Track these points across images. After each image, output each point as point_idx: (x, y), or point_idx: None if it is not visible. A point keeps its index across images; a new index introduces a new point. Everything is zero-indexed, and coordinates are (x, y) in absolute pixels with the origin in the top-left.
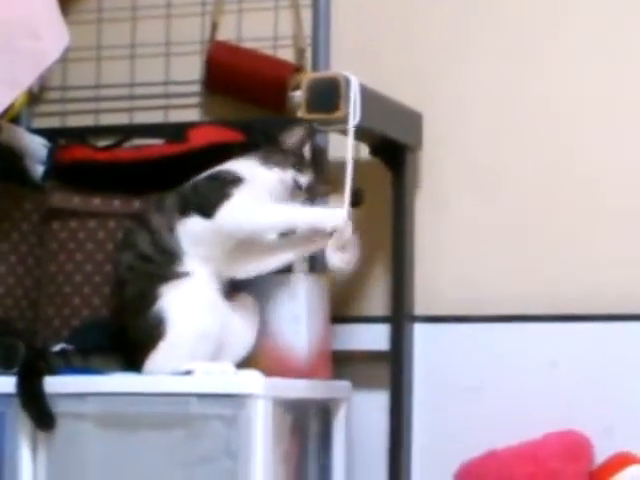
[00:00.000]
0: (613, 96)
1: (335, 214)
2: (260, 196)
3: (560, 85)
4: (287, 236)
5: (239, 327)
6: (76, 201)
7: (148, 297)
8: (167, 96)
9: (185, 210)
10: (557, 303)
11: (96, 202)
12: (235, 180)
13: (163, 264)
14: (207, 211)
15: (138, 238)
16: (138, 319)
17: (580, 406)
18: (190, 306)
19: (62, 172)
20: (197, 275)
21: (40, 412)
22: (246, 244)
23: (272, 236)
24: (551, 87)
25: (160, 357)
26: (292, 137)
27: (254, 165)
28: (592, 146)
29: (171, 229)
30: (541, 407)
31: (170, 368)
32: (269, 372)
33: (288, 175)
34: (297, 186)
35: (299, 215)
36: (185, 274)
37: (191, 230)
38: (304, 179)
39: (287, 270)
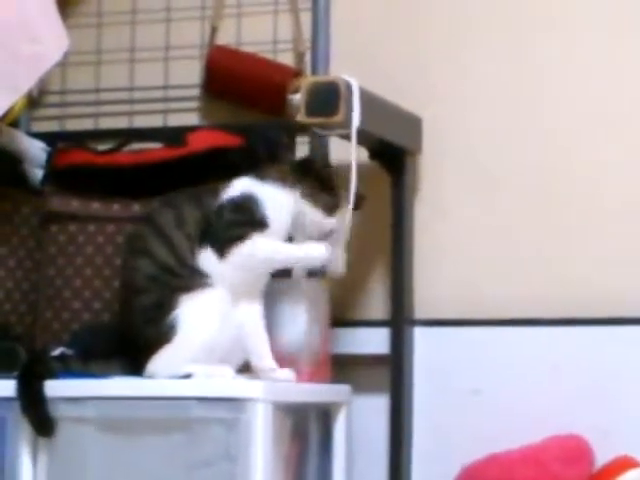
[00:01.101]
0: (613, 98)
1: (319, 250)
2: (275, 239)
3: (560, 88)
4: None
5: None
6: (75, 205)
7: (166, 306)
8: (166, 100)
9: (205, 239)
10: (557, 307)
11: (95, 206)
12: (260, 223)
13: (188, 277)
14: (219, 251)
15: (153, 246)
16: (152, 326)
17: (580, 410)
18: (203, 315)
19: (61, 176)
20: (218, 287)
21: (40, 418)
22: None
23: None
24: (551, 90)
25: (162, 360)
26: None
27: (284, 194)
28: (592, 149)
29: (193, 253)
30: (541, 411)
31: (170, 371)
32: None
33: (326, 222)
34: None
35: (295, 256)
36: (208, 285)
37: (209, 264)
38: (331, 224)
39: (287, 274)
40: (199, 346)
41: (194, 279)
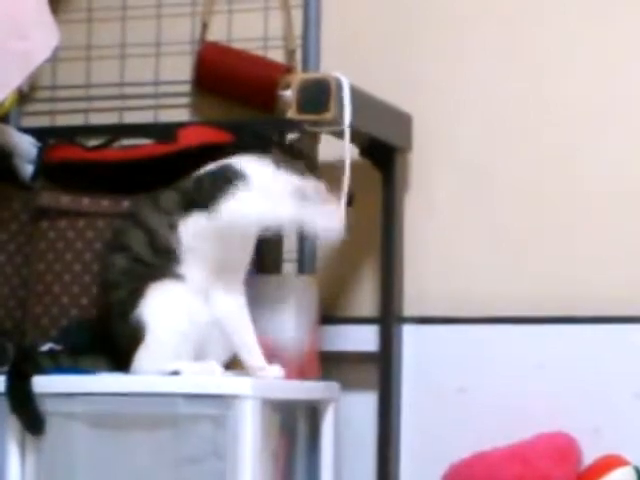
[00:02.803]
0: (602, 97)
1: (334, 215)
2: (263, 194)
3: (549, 86)
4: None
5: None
6: (65, 201)
7: (135, 298)
8: (157, 96)
9: (187, 207)
10: (544, 305)
11: (85, 202)
12: (240, 177)
13: (158, 265)
14: (211, 205)
15: (132, 238)
16: (124, 321)
17: (567, 408)
18: (168, 307)
19: (51, 171)
20: (188, 278)
21: (29, 416)
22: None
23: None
24: (540, 88)
25: (144, 358)
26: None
27: (263, 165)
28: (581, 148)
29: (172, 227)
30: (528, 409)
31: (155, 368)
32: None
33: (299, 182)
34: (304, 195)
35: (300, 213)
36: (178, 275)
37: (193, 228)
38: (311, 187)
39: (276, 271)
40: (173, 340)
41: (166, 266)
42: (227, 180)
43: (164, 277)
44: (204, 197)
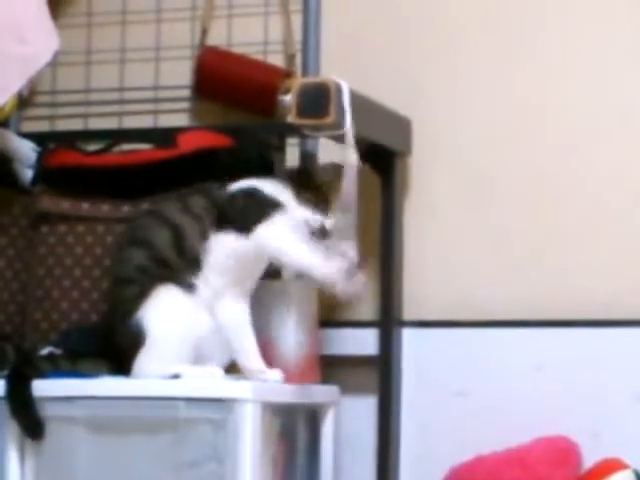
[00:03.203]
0: (602, 100)
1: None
2: (293, 227)
3: (549, 89)
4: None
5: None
6: (65, 205)
7: (140, 299)
8: (157, 101)
9: (222, 224)
10: (544, 309)
11: (85, 207)
12: (275, 205)
13: (176, 267)
14: (246, 226)
15: (155, 235)
16: (126, 322)
17: (566, 411)
18: (169, 312)
19: (51, 176)
20: (198, 286)
21: (30, 421)
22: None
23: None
24: (541, 93)
25: (144, 361)
26: (327, 173)
27: (287, 195)
28: (581, 153)
29: (204, 237)
30: (528, 412)
31: (156, 372)
32: None
33: (316, 218)
34: (320, 232)
35: (319, 264)
36: (189, 283)
37: (223, 247)
38: (328, 224)
39: (277, 275)
40: (173, 344)
41: (182, 271)
42: (262, 203)
43: (173, 282)
44: (238, 215)
